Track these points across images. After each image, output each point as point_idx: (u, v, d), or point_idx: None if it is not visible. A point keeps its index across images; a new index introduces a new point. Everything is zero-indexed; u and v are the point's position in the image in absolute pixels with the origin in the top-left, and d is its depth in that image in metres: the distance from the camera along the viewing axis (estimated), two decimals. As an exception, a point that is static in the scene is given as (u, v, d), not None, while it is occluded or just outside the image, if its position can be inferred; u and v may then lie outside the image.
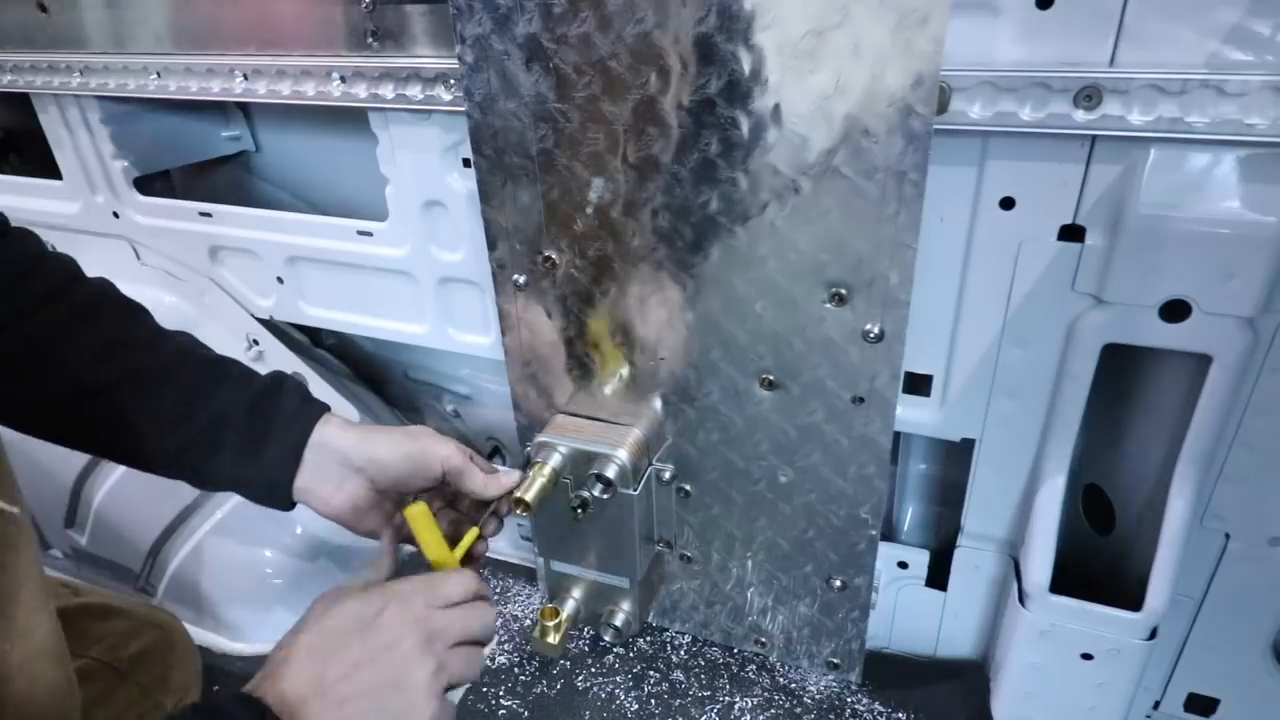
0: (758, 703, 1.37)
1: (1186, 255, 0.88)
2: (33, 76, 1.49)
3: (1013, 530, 1.20)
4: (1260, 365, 0.95)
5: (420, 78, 1.14)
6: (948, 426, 1.15)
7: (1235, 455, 1.02)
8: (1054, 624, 1.11)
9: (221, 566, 1.51)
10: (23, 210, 1.74)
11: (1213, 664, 1.19)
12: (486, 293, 1.33)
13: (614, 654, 1.48)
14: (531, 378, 1.27)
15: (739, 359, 1.09)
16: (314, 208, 1.73)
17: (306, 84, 1.23)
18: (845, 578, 1.22)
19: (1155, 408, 1.09)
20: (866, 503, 1.13)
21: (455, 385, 1.76)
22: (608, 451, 1.08)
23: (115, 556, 1.54)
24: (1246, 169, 0.85)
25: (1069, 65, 0.85)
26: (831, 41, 0.85)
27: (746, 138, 0.93)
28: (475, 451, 0.94)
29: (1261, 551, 1.07)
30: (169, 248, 1.63)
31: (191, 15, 1.30)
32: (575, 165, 1.04)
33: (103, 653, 1.01)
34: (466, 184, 1.25)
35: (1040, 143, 0.91)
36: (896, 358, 1.00)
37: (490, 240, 1.16)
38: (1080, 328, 0.99)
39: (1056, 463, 1.09)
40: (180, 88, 1.34)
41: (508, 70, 1.01)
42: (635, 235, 1.06)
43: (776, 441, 1.13)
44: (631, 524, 1.12)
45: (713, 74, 0.91)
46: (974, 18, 0.87)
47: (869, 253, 0.95)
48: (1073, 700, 1.15)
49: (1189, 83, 0.80)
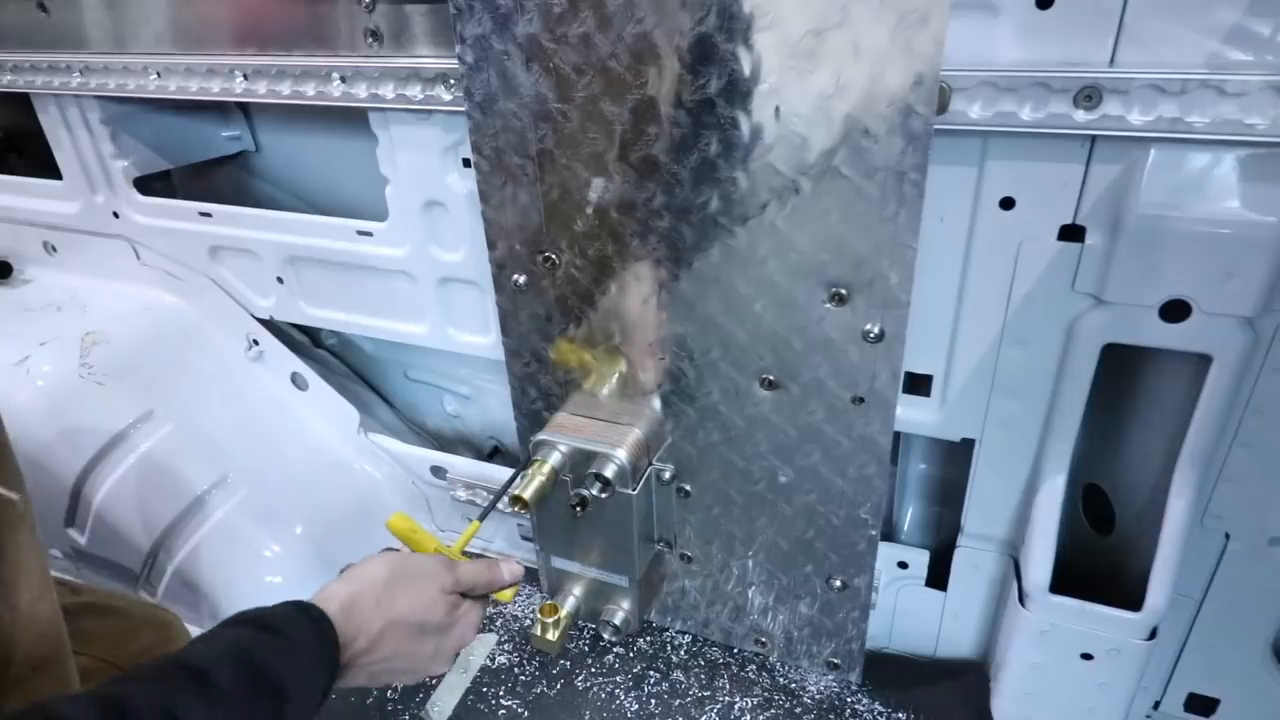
0: (758, 703, 1.36)
1: (1186, 255, 0.88)
2: (33, 76, 1.49)
3: (1013, 530, 1.20)
4: (1260, 365, 0.95)
5: (420, 78, 1.14)
6: (948, 426, 1.15)
7: (1235, 455, 1.02)
8: (1054, 624, 1.11)
9: (221, 566, 1.51)
10: (23, 210, 1.74)
11: (1213, 664, 1.19)
12: (486, 293, 1.33)
13: (614, 654, 1.48)
14: (531, 378, 1.27)
15: (739, 359, 1.09)
16: (314, 208, 1.73)
17: (306, 84, 1.23)
18: (845, 578, 1.22)
19: (1155, 408, 1.09)
20: (866, 503, 1.13)
21: (455, 385, 1.76)
22: (607, 451, 1.09)
23: (115, 556, 1.54)
24: (1246, 169, 0.85)
25: (1069, 65, 0.85)
26: (831, 41, 0.85)
27: (746, 138, 0.93)
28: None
29: (1261, 551, 1.07)
30: (169, 248, 1.63)
31: (192, 15, 1.30)
32: (575, 165, 1.04)
33: (103, 651, 1.01)
34: (466, 184, 1.25)
35: (1040, 143, 0.91)
36: (896, 358, 1.00)
37: (490, 240, 1.16)
38: (1080, 328, 0.99)
39: (1056, 462, 1.09)
40: (180, 88, 1.34)
41: (508, 70, 1.01)
42: (635, 235, 1.06)
43: (776, 441, 1.13)
44: (631, 523, 1.12)
45: (712, 74, 0.91)
46: (974, 18, 0.87)
47: (869, 253, 0.95)
48: (1073, 700, 1.15)
49: (1189, 83, 0.80)
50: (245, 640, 0.71)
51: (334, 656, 0.76)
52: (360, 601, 0.81)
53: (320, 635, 0.75)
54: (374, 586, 0.83)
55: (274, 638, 0.72)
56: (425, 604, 0.85)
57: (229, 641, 0.71)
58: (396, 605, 0.83)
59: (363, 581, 0.83)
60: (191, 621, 1.43)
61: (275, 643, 0.72)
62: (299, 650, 0.73)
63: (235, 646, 0.70)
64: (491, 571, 0.94)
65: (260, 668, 0.69)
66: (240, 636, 0.72)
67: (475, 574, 0.92)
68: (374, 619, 0.81)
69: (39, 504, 1.52)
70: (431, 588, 0.87)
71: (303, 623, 0.75)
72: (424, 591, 0.86)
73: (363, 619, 0.80)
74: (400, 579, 0.85)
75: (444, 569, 0.89)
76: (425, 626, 0.85)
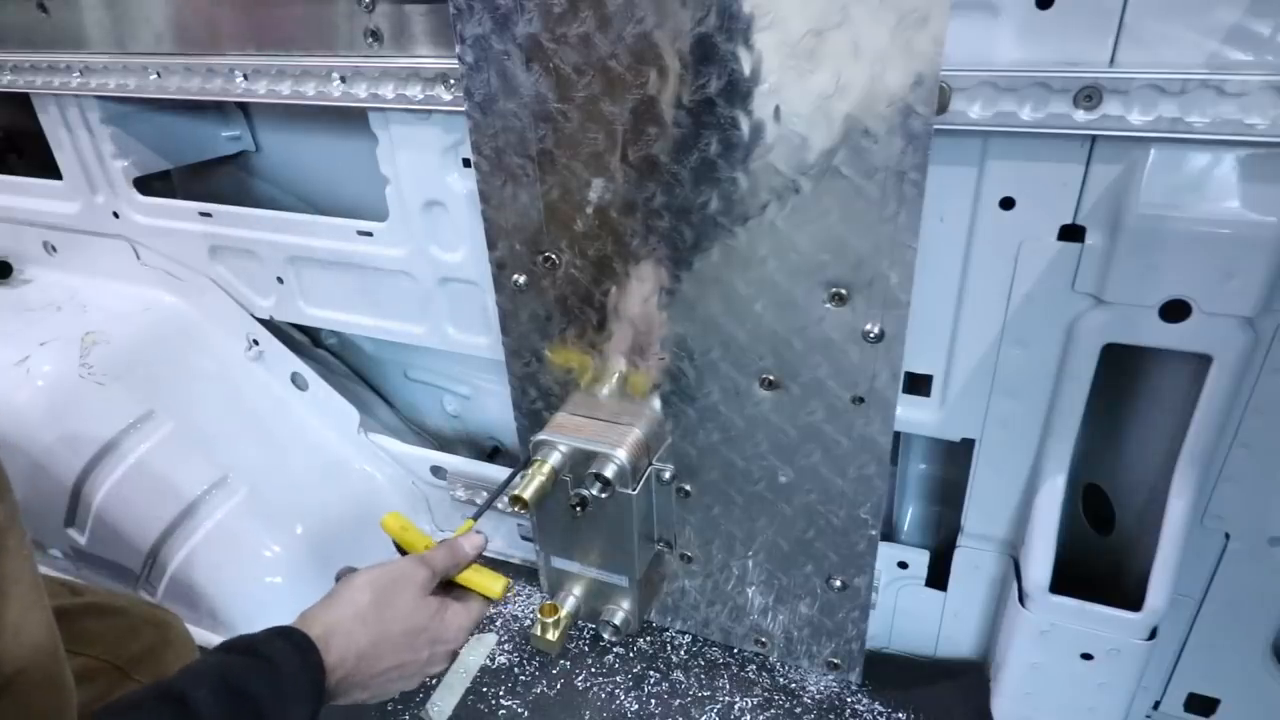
0: (758, 703, 1.36)
1: (1186, 255, 0.88)
2: (33, 76, 1.49)
3: (1013, 530, 1.20)
4: (1260, 365, 0.95)
5: (420, 78, 1.14)
6: (948, 426, 1.15)
7: (1235, 455, 1.02)
8: (1054, 624, 1.11)
9: (221, 566, 1.51)
10: (23, 210, 1.74)
11: (1213, 664, 1.19)
12: (486, 293, 1.33)
13: (614, 654, 1.48)
14: (531, 378, 1.27)
15: (739, 359, 1.09)
16: (314, 208, 1.72)
17: (306, 84, 1.23)
18: (845, 578, 1.22)
19: (1155, 408, 1.09)
20: (866, 503, 1.13)
21: (455, 385, 1.76)
22: (607, 451, 1.09)
23: (115, 556, 1.54)
24: (1246, 169, 0.85)
25: (1069, 65, 0.85)
26: (831, 41, 0.85)
27: (746, 138, 0.93)
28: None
29: (1261, 551, 1.07)
30: (169, 248, 1.63)
31: (192, 15, 1.30)
32: (575, 165, 1.04)
33: (103, 651, 1.01)
34: (466, 184, 1.25)
35: (1040, 143, 0.91)
36: (896, 358, 1.00)
37: (490, 240, 1.16)
38: (1080, 328, 0.99)
39: (1056, 462, 1.09)
40: (180, 88, 1.34)
41: (508, 70, 1.01)
42: (635, 235, 1.06)
43: (776, 441, 1.13)
44: (630, 523, 1.12)
45: (712, 74, 0.91)
46: (974, 18, 0.87)
47: (869, 253, 0.95)
48: (1073, 700, 1.15)
49: (1189, 83, 0.80)
50: (224, 665, 0.72)
51: (318, 678, 0.77)
52: (343, 622, 0.82)
53: (303, 657, 0.76)
54: (356, 605, 0.84)
55: (255, 661, 0.73)
56: (409, 610, 0.87)
57: (209, 666, 0.72)
58: (382, 618, 0.84)
59: (344, 602, 0.84)
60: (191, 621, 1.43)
61: (256, 666, 0.73)
62: (279, 673, 0.73)
63: (214, 671, 0.71)
64: (454, 550, 0.96)
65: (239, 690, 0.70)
66: (221, 662, 0.73)
67: (443, 558, 0.94)
68: (361, 637, 0.82)
69: (39, 504, 1.53)
70: (411, 592, 0.88)
71: (284, 646, 0.76)
72: (405, 598, 0.87)
73: (349, 639, 0.81)
74: (380, 591, 0.86)
75: (417, 568, 0.90)
76: (414, 631, 0.86)
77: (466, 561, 0.96)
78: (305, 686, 0.75)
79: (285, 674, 0.74)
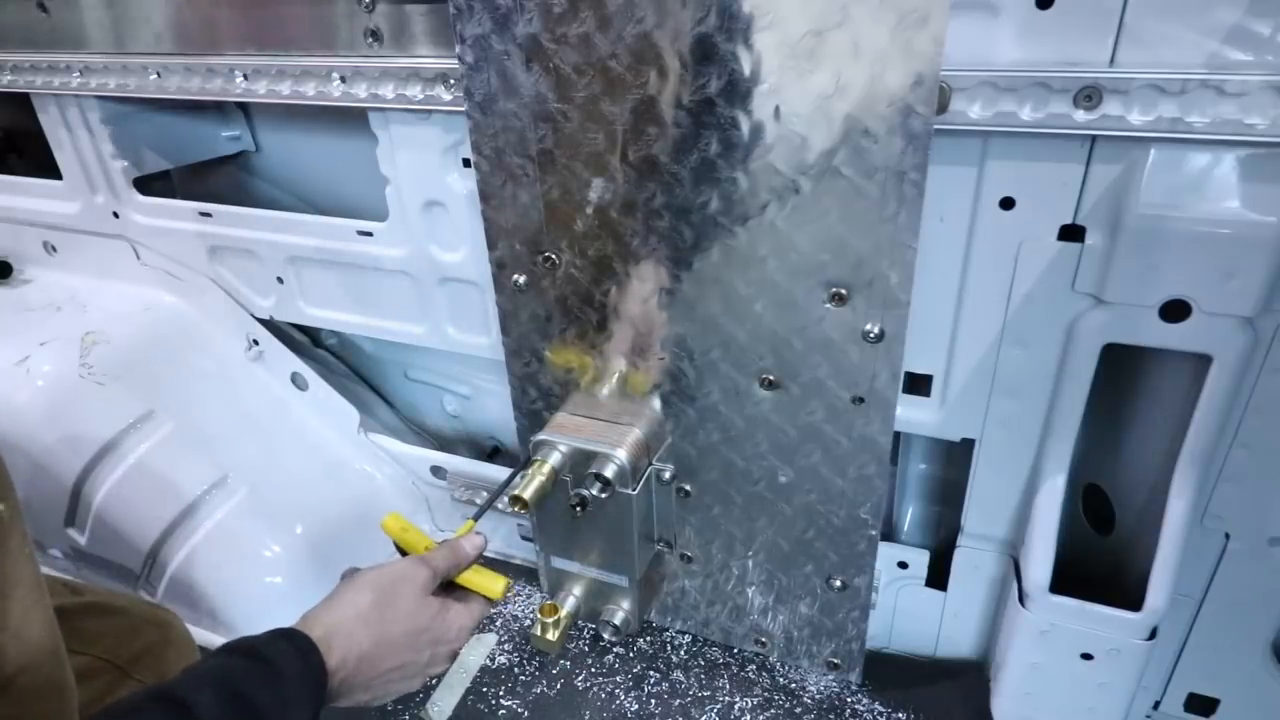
0: (758, 703, 1.36)
1: (1186, 255, 0.88)
2: (33, 76, 1.49)
3: (1013, 530, 1.20)
4: (1260, 365, 0.95)
5: (420, 78, 1.14)
6: (948, 426, 1.15)
7: (1235, 455, 1.02)
8: (1054, 624, 1.11)
9: (221, 566, 1.51)
10: (23, 210, 1.74)
11: (1213, 664, 1.19)
12: (486, 293, 1.33)
13: (614, 654, 1.48)
14: (531, 378, 1.27)
15: (739, 359, 1.09)
16: (314, 208, 1.73)
17: (306, 84, 1.23)
18: (845, 578, 1.22)
19: (1155, 408, 1.09)
20: (866, 503, 1.13)
21: (455, 385, 1.76)
22: (607, 451, 1.09)
23: (115, 556, 1.54)
24: (1246, 169, 0.84)
25: (1069, 65, 0.85)
26: (831, 41, 0.85)
27: (746, 138, 0.93)
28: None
29: (1261, 551, 1.07)
30: (169, 248, 1.63)
31: (191, 15, 1.30)
32: (575, 165, 1.04)
33: (104, 651, 1.01)
34: (466, 184, 1.25)
35: (1040, 143, 0.91)
36: (896, 358, 1.00)
37: (490, 240, 1.16)
38: (1080, 328, 0.99)
39: (1056, 462, 1.09)
40: (180, 88, 1.34)
41: (508, 70, 1.01)
42: (635, 235, 1.06)
43: (776, 441, 1.13)
44: (630, 523, 1.12)
45: (712, 74, 0.91)
46: (974, 18, 0.87)
47: (869, 253, 0.95)
48: (1073, 700, 1.15)
49: (1189, 83, 0.80)
50: (226, 668, 0.72)
51: (320, 681, 0.77)
52: (345, 623, 0.82)
53: (305, 660, 0.76)
54: (357, 606, 0.84)
55: (256, 664, 0.73)
56: (410, 611, 0.87)
57: (211, 669, 0.72)
58: (383, 619, 0.84)
59: (345, 604, 0.84)
60: (191, 621, 1.43)
61: (257, 669, 0.73)
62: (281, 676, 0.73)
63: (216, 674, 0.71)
64: (455, 551, 0.96)
65: (241, 694, 0.70)
66: (222, 664, 0.73)
67: (444, 559, 0.94)
68: (362, 638, 0.82)
69: (39, 504, 1.53)
70: (412, 593, 0.88)
71: (286, 649, 0.76)
72: (406, 599, 0.87)
73: (351, 640, 0.81)
74: (381, 593, 0.86)
75: (418, 569, 0.90)
76: (416, 632, 0.86)
77: (467, 562, 0.96)
78: (307, 689, 0.75)
79: (287, 677, 0.74)
